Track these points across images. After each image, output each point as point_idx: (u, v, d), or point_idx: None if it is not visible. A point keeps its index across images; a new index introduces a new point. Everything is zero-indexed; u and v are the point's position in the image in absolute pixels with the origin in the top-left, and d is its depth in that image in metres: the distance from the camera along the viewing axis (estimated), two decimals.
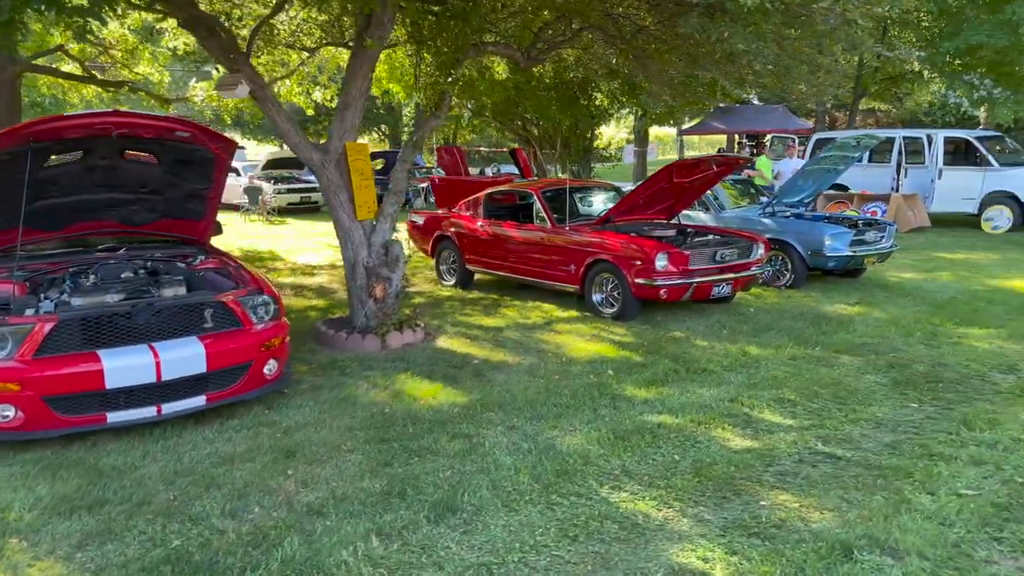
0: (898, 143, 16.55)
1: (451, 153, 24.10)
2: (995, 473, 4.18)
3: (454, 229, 9.95)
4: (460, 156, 24.00)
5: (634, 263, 7.77)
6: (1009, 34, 16.34)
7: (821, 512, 3.75)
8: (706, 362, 6.39)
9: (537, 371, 6.14)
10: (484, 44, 8.23)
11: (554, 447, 4.53)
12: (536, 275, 8.93)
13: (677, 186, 8.70)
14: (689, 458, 4.39)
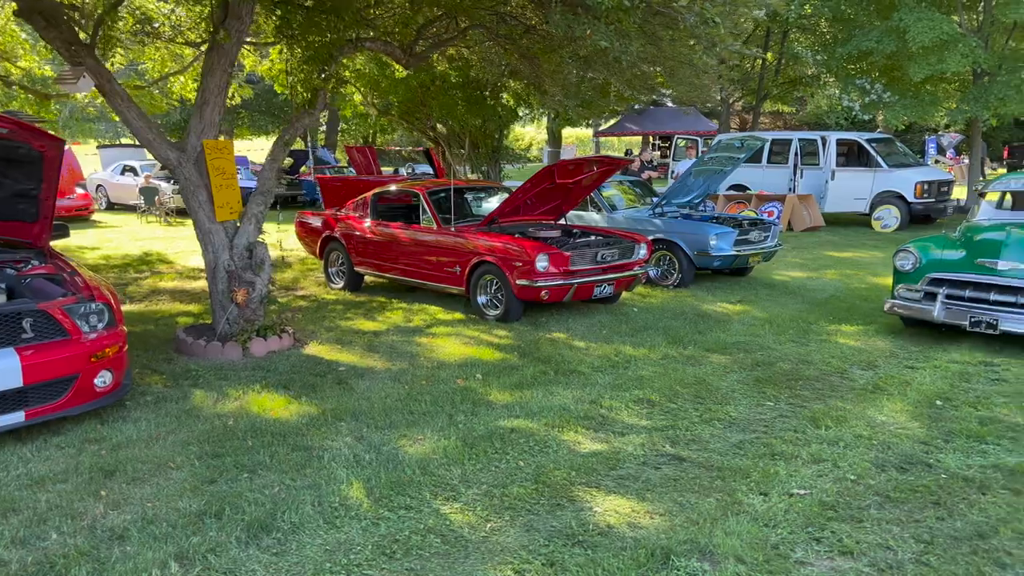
0: (794, 145, 17.02)
1: (363, 152, 23.67)
2: (831, 471, 4.22)
3: (342, 230, 9.68)
4: (372, 155, 23.58)
5: (516, 264, 7.68)
6: (896, 40, 17.02)
7: (652, 517, 3.69)
8: (577, 363, 6.33)
9: (404, 377, 5.97)
10: (361, 40, 8.00)
11: (397, 457, 4.36)
12: (423, 277, 8.75)
13: (562, 187, 8.65)
14: (533, 464, 4.29)
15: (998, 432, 4.77)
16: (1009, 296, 6.36)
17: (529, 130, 50.78)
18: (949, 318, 6.59)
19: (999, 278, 6.40)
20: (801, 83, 22.08)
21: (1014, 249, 6.48)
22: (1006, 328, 6.28)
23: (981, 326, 6.37)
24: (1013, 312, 6.34)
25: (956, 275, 6.63)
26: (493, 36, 9.22)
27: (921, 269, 6.89)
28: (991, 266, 6.45)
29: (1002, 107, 17.26)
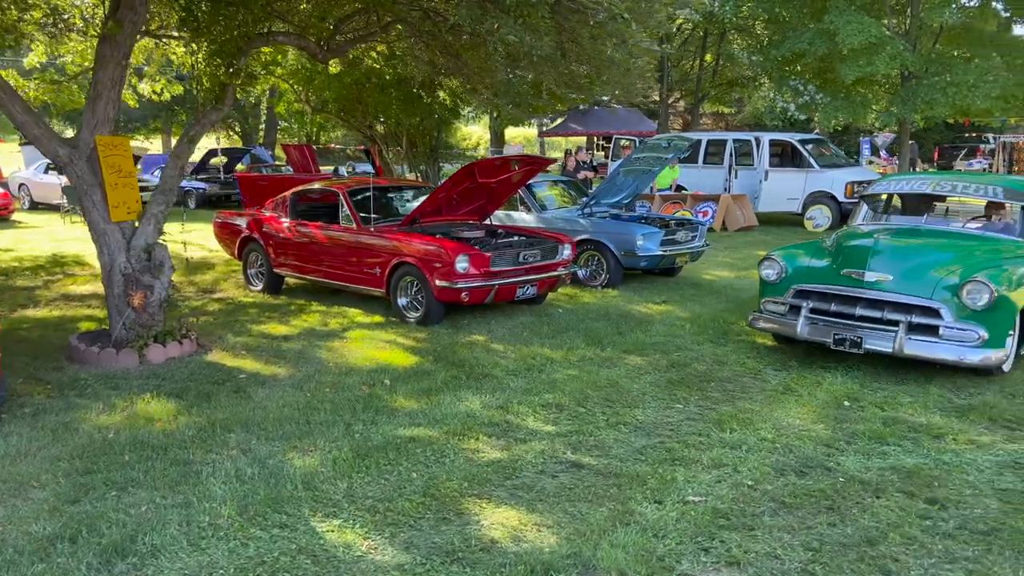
0: (729, 146, 17.18)
1: (301, 151, 23.15)
2: (730, 477, 4.13)
3: (260, 230, 9.35)
4: (310, 154, 23.08)
5: (436, 265, 7.48)
6: (828, 42, 17.30)
7: (539, 529, 3.54)
8: (492, 367, 6.17)
9: (307, 384, 5.72)
10: (273, 34, 7.71)
11: (281, 472, 4.13)
12: (344, 279, 8.49)
13: (485, 186, 8.49)
14: (425, 476, 4.11)
15: (900, 433, 4.76)
16: (875, 311, 5.80)
17: (476, 129, 50.57)
18: (813, 335, 6.00)
19: (865, 291, 5.86)
20: (738, 84, 22.34)
21: (882, 258, 5.89)
22: (870, 346, 5.70)
23: (845, 344, 5.79)
24: (879, 329, 5.76)
25: (821, 287, 6.08)
26: (416, 32, 9.01)
27: (787, 279, 6.30)
28: (857, 277, 5.89)
29: (929, 109, 17.69)
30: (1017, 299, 5.61)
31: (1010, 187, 6.71)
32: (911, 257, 5.96)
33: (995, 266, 5.76)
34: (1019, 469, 4.24)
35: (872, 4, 18.10)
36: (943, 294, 5.62)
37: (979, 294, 5.41)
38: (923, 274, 5.74)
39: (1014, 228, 6.55)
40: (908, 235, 6.56)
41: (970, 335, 5.48)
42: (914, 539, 3.48)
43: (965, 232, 6.70)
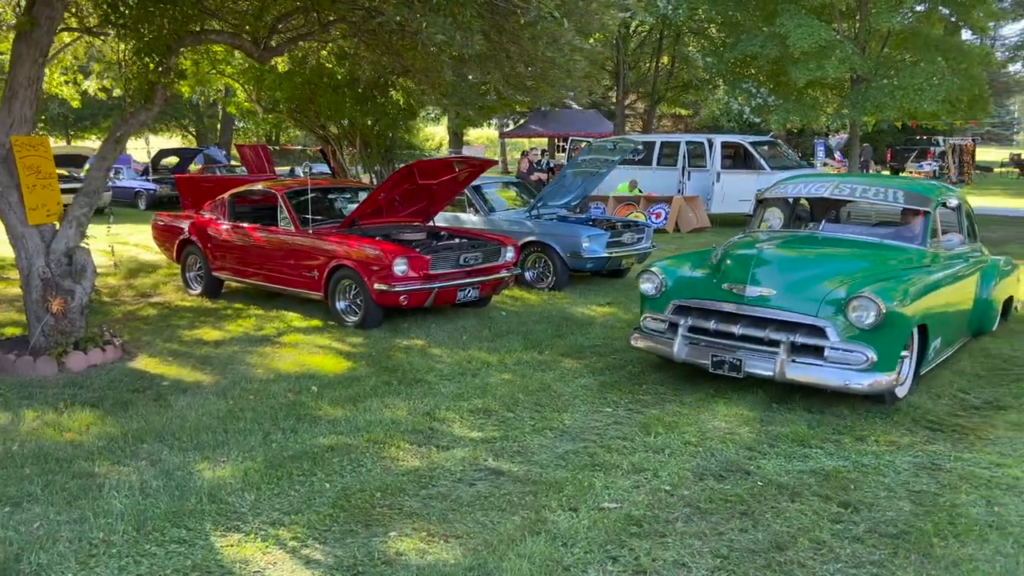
0: (682, 148, 17.29)
1: (255, 151, 22.78)
2: (649, 482, 4.09)
3: (198, 233, 9.14)
4: (265, 154, 22.73)
5: (373, 268, 7.37)
6: (779, 45, 17.51)
7: (447, 541, 3.46)
8: (426, 372, 6.07)
9: (231, 392, 5.57)
10: (205, 32, 7.53)
11: (188, 484, 3.99)
12: (282, 282, 8.33)
13: (426, 187, 8.39)
14: (338, 486, 4.00)
15: (824, 435, 4.77)
16: (757, 329, 5.18)
17: (439, 129, 50.34)
18: (692, 356, 5.41)
19: (746, 307, 5.27)
20: (692, 86, 22.52)
21: (765, 271, 5.31)
22: (751, 370, 5.13)
23: (724, 367, 5.22)
24: (761, 350, 5.16)
25: (700, 302, 5.50)
26: (357, 32, 8.88)
27: (667, 294, 5.72)
28: (738, 292, 5.30)
29: (878, 112, 18.00)
30: (913, 314, 5.09)
31: (912, 191, 6.31)
32: (797, 269, 5.40)
33: (888, 278, 5.25)
34: (935, 471, 4.27)
35: (822, 8, 18.36)
36: (829, 311, 5.03)
37: (865, 311, 4.84)
38: (808, 289, 5.17)
39: (916, 235, 6.05)
40: (799, 244, 5.98)
41: (857, 357, 4.91)
42: (823, 543, 3.47)
43: (864, 240, 6.08)
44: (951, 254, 6.28)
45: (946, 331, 5.85)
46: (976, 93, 17.62)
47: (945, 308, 5.78)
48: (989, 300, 6.80)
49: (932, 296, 5.48)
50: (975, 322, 6.71)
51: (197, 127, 31.39)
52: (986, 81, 18.30)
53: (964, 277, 6.24)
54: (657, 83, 21.29)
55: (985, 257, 7.11)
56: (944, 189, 6.82)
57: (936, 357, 5.77)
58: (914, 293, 5.19)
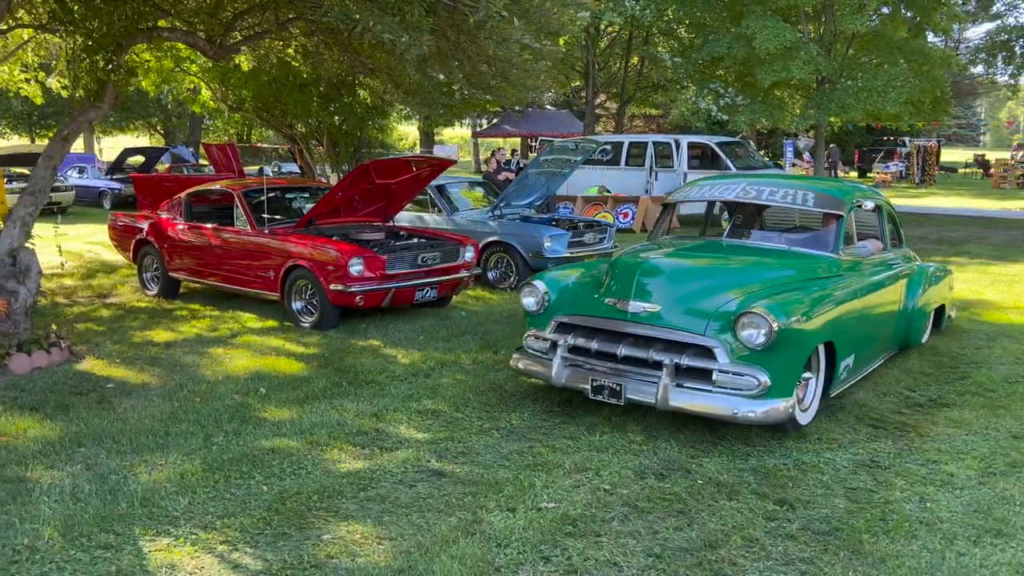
0: (650, 148, 17.38)
1: (223, 150, 22.56)
2: (589, 481, 4.10)
3: (155, 233, 9.02)
4: (233, 154, 22.52)
5: (329, 268, 7.31)
6: (745, 47, 17.65)
7: (380, 543, 3.44)
8: (378, 373, 6.03)
9: (177, 394, 5.50)
10: (157, 29, 7.43)
11: (122, 488, 3.93)
12: (238, 283, 8.25)
13: (384, 187, 8.35)
14: (276, 489, 3.96)
15: (768, 433, 4.79)
16: (640, 350, 4.62)
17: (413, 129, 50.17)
18: (572, 381, 4.84)
19: (628, 324, 4.72)
20: (661, 87, 22.66)
21: (651, 283, 4.76)
22: (633, 396, 4.58)
23: (603, 393, 4.68)
24: (643, 374, 4.61)
25: (583, 319, 4.95)
26: (316, 30, 8.82)
27: (550, 309, 5.15)
28: (621, 308, 4.75)
29: (843, 113, 18.21)
30: (815, 331, 4.60)
31: (823, 193, 5.71)
32: (686, 282, 4.84)
33: (787, 291, 4.75)
34: (874, 468, 4.32)
35: (788, 10, 18.52)
36: (718, 329, 4.51)
37: (755, 329, 4.32)
38: (697, 303, 4.65)
39: (827, 242, 5.51)
40: (695, 253, 5.46)
41: (748, 381, 4.36)
42: (756, 541, 3.49)
43: (770, 249, 5.60)
44: (871, 261, 5.83)
45: (861, 347, 5.32)
46: (938, 95, 17.88)
47: (859, 322, 5.23)
48: (917, 310, 6.30)
49: (841, 309, 4.93)
50: (900, 335, 6.25)
51: (165, 126, 30.99)
52: (948, 83, 18.58)
53: (884, 286, 5.78)
54: (627, 83, 21.36)
55: (912, 264, 6.62)
56: (860, 191, 6.28)
57: (849, 377, 5.23)
58: (817, 307, 4.68)
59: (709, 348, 4.48)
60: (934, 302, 6.77)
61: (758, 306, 4.37)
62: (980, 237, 14.79)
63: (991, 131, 72.47)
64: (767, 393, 4.36)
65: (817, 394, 4.91)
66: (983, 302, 8.78)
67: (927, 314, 6.66)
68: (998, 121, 72.47)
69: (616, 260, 5.22)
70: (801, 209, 5.86)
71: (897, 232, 6.66)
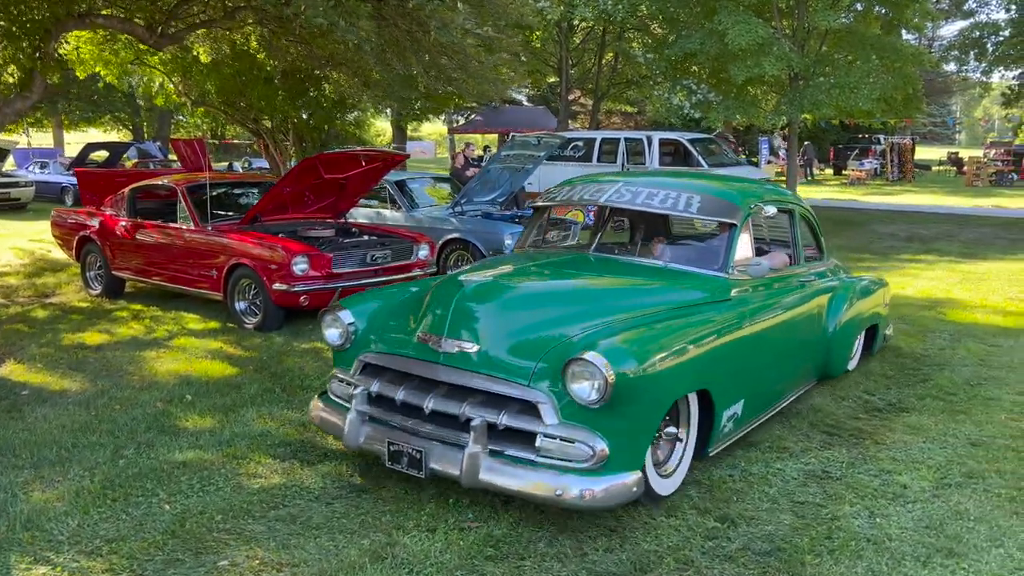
0: (622, 145, 17.15)
1: (191, 146, 22.09)
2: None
3: (97, 230, 8.64)
4: (201, 149, 22.04)
5: (272, 267, 6.99)
6: (718, 43, 17.45)
7: (279, 570, 3.14)
8: (315, 378, 5.73)
9: (96, 401, 5.16)
10: (91, 15, 7.07)
11: (7, 508, 3.61)
12: (182, 282, 7.90)
13: (334, 182, 8.03)
14: (179, 508, 3.65)
15: None
16: (454, 403, 3.53)
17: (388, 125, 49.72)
18: (369, 441, 3.73)
19: (440, 368, 3.61)
20: (634, 83, 22.45)
21: (469, 314, 3.65)
22: (436, 466, 3.48)
23: (402, 462, 3.58)
24: (450, 436, 3.51)
25: (391, 359, 3.83)
26: (264, 19, 8.49)
27: (357, 343, 4.01)
28: (434, 346, 3.65)
29: (815, 109, 18.06)
30: (680, 377, 3.60)
31: (714, 196, 4.63)
32: (517, 312, 3.71)
33: (645, 324, 3.70)
34: (824, 480, 4.08)
35: (761, 6, 18.36)
36: (548, 377, 3.39)
37: (587, 381, 3.26)
38: (527, 343, 3.53)
39: (716, 256, 4.42)
40: (541, 273, 4.34)
41: (579, 450, 3.28)
42: (691, 563, 3.24)
43: (644, 265, 4.60)
44: (775, 279, 4.74)
45: (756, 388, 4.33)
46: (910, 92, 17.78)
47: (752, 358, 4.21)
48: (840, 334, 5.34)
49: (722, 344, 3.94)
50: (818, 364, 5.29)
51: (133, 121, 30.37)
52: (920, 80, 18.49)
53: (793, 308, 4.80)
54: (600, 79, 21.13)
55: (834, 278, 5.65)
56: (763, 193, 5.19)
57: (739, 428, 4.21)
58: (681, 345, 3.64)
59: (533, 404, 3.37)
60: (863, 322, 5.79)
61: (592, 353, 3.25)
62: (951, 235, 14.70)
63: (966, 129, 73.13)
64: (606, 465, 3.28)
65: (688, 455, 3.90)
66: (950, 300, 8.61)
67: (854, 337, 5.69)
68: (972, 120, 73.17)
69: (440, 282, 4.10)
70: (682, 216, 4.70)
71: (816, 241, 5.72)
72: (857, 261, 11.44)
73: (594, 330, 3.60)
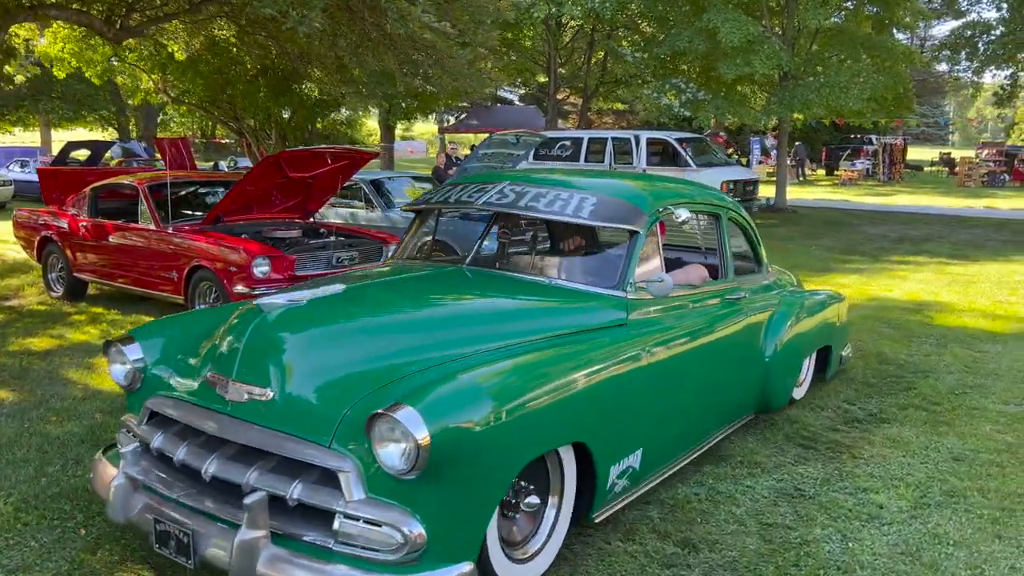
0: (609, 144, 16.91)
1: (175, 145, 21.79)
2: None
3: (58, 230, 8.36)
4: (186, 148, 21.76)
5: (232, 269, 6.71)
6: (707, 41, 17.22)
7: None
8: None
9: (33, 412, 4.87)
10: (43, 6, 6.78)
11: None
12: (144, 284, 7.61)
13: (302, 181, 7.74)
14: (95, 534, 3.37)
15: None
16: (235, 469, 2.70)
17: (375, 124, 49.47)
18: (137, 515, 2.85)
19: (226, 420, 2.80)
20: (623, 83, 22.22)
21: (265, 351, 2.82)
22: (207, 552, 2.65)
23: (169, 546, 2.74)
24: (231, 513, 2.65)
25: (174, 405, 3.01)
26: (232, 13, 8.22)
27: (147, 384, 3.20)
28: (221, 390, 2.84)
29: (805, 109, 17.84)
30: (535, 432, 2.80)
31: (613, 197, 3.83)
32: (325, 347, 2.85)
33: (495, 360, 2.87)
34: (796, 499, 3.82)
35: (751, 4, 18.14)
36: (354, 438, 2.56)
37: (395, 444, 2.46)
38: (332, 389, 2.72)
39: (613, 271, 3.63)
40: (388, 292, 3.55)
41: (386, 537, 2.47)
42: None
43: (527, 282, 3.74)
44: (694, 296, 3.99)
45: (661, 434, 3.56)
46: (901, 91, 17.59)
47: (653, 398, 3.45)
48: (780, 359, 4.57)
49: (608, 383, 3.14)
50: (754, 397, 4.53)
51: (118, 119, 30.01)
52: (910, 79, 18.29)
53: (712, 332, 3.99)
54: (589, 79, 20.90)
55: (774, 294, 4.85)
56: (679, 195, 4.21)
57: (638, 483, 3.45)
58: (541, 387, 2.83)
59: (332, 471, 2.54)
60: (812, 343, 5.09)
61: (405, 402, 2.46)
62: (941, 236, 14.48)
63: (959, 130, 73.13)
64: (424, 556, 2.47)
65: (561, 527, 3.09)
66: (937, 304, 8.37)
67: (799, 361, 4.92)
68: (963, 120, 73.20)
69: (242, 307, 3.16)
70: (572, 221, 3.80)
71: (753, 251, 4.87)
72: (845, 263, 11.22)
73: (429, 370, 2.76)
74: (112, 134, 31.09)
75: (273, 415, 2.71)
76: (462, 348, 2.95)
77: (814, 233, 14.91)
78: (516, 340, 3.09)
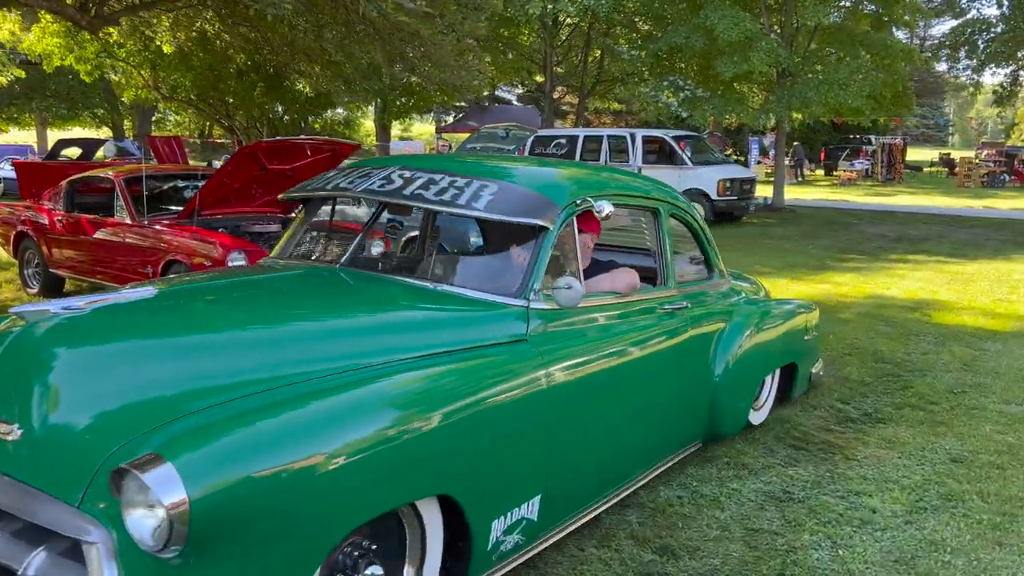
0: (605, 143, 16.73)
1: (168, 143, 21.65)
2: None
3: (34, 224, 8.15)
4: (178, 146, 21.62)
5: (207, 264, 6.49)
6: (705, 37, 17.03)
7: None
8: None
9: None
10: None
11: None
12: (120, 280, 7.36)
13: (281, 173, 7.53)
14: None
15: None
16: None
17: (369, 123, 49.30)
18: None
19: None
20: (620, 81, 22.03)
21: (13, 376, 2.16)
22: None
23: None
24: None
25: None
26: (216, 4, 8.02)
27: None
28: None
29: (804, 107, 17.64)
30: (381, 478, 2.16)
31: (521, 187, 3.15)
32: (91, 372, 2.16)
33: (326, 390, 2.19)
34: (785, 502, 3.61)
35: (749, 1, 17.97)
36: (106, 495, 1.87)
37: (143, 512, 1.78)
38: (90, 428, 2.04)
39: (513, 275, 2.94)
40: (207, 300, 2.87)
41: None
42: None
43: (407, 286, 3.05)
44: (617, 305, 3.29)
45: (568, 474, 2.95)
46: (899, 89, 17.38)
47: (556, 430, 2.81)
48: (732, 378, 3.98)
49: (485, 417, 2.51)
50: (700, 424, 3.95)
51: (112, 117, 29.82)
52: (909, 77, 18.09)
53: (641, 346, 3.34)
54: (585, 77, 20.71)
55: (727, 303, 4.20)
56: (605, 184, 3.50)
57: (541, 535, 2.87)
58: (383, 424, 2.18)
59: (75, 540, 1.91)
60: (774, 359, 4.49)
61: (161, 453, 1.80)
62: (941, 235, 14.27)
63: (959, 131, 72.97)
64: None
65: None
66: (936, 302, 8.16)
67: (756, 380, 4.29)
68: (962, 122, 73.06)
69: None
70: (465, 213, 3.02)
71: (704, 254, 4.20)
72: (842, 261, 11.01)
73: (229, 403, 2.07)
74: (107, 133, 30.90)
75: (18, 461, 2.04)
76: (293, 371, 2.24)
77: (812, 232, 14.70)
78: (372, 361, 2.39)
